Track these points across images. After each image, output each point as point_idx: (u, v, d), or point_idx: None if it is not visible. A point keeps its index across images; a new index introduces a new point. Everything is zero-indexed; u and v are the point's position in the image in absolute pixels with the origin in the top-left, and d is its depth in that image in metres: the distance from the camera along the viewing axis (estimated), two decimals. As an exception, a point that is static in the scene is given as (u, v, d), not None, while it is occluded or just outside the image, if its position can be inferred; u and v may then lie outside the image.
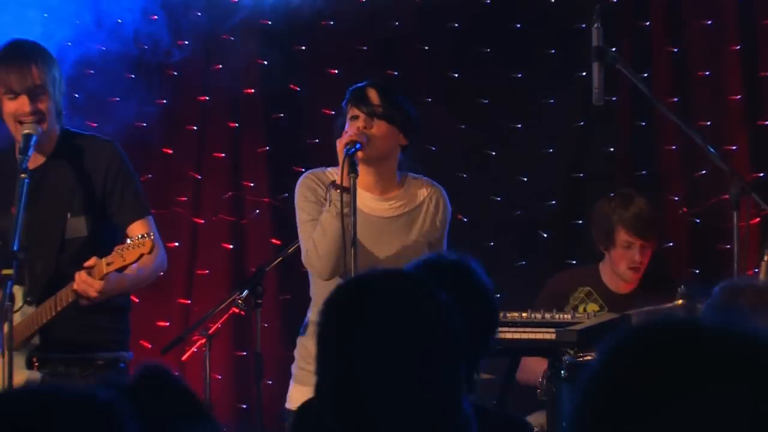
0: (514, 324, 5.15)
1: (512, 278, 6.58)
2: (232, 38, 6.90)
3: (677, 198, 6.73)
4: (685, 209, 6.71)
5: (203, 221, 7.00)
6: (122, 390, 1.85)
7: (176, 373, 1.99)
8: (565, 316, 5.20)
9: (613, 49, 5.32)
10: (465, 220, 6.83)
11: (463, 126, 6.90)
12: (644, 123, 6.79)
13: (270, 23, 6.86)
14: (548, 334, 5.09)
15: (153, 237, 4.70)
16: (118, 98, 6.67)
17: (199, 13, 6.82)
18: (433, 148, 6.77)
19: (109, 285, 4.72)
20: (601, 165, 6.84)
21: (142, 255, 4.67)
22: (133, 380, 2.15)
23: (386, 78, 6.73)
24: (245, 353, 6.79)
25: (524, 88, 6.87)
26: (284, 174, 6.75)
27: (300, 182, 5.05)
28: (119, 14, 6.48)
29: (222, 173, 7.03)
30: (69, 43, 6.35)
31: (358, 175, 4.76)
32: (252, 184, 7.00)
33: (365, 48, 6.94)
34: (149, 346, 6.68)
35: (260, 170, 7.02)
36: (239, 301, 5.61)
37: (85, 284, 4.68)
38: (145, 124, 6.82)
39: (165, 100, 6.91)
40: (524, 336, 5.14)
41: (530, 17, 6.89)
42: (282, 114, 7.02)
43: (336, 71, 6.89)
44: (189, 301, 6.94)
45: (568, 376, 4.95)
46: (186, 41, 6.77)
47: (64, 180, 4.96)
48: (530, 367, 5.75)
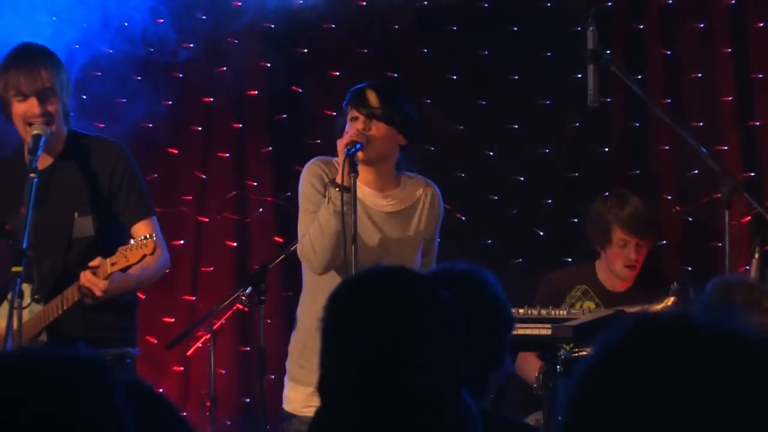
0: (512, 320, 5.14)
1: (509, 276, 6.54)
2: (236, 41, 6.89)
3: (670, 197, 6.72)
4: (678, 208, 6.71)
5: (208, 220, 7.00)
6: None
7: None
8: (561, 312, 5.20)
9: (608, 52, 5.31)
10: (463, 219, 6.83)
11: (462, 126, 6.89)
12: (638, 124, 6.79)
13: (273, 26, 6.85)
14: (544, 330, 5.08)
15: (155, 238, 4.70)
16: (125, 99, 6.66)
17: (204, 17, 6.81)
18: (432, 148, 6.76)
19: (113, 284, 4.71)
20: (596, 165, 6.83)
21: (145, 256, 4.66)
22: None
23: (386, 79, 6.73)
24: (249, 349, 6.78)
25: (521, 90, 6.87)
26: (287, 173, 6.74)
27: (307, 168, 4.98)
28: (126, 17, 6.48)
29: (226, 173, 7.03)
30: (77, 46, 6.35)
31: (359, 175, 4.75)
32: (255, 184, 7.00)
33: (366, 50, 6.94)
34: (155, 342, 6.67)
35: (264, 170, 7.01)
36: (243, 298, 5.61)
37: (90, 284, 4.67)
38: (152, 125, 6.81)
39: (170, 102, 6.90)
40: (521, 332, 5.13)
41: (527, 21, 6.88)
42: (285, 115, 7.02)
43: (337, 73, 6.89)
44: (194, 298, 6.94)
45: (564, 371, 4.94)
46: (191, 44, 6.77)
47: (72, 180, 4.96)
48: (528, 364, 5.75)
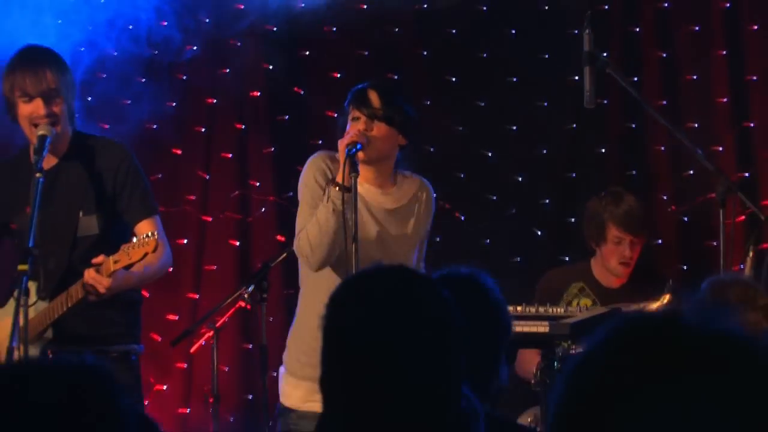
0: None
1: (507, 274, 6.55)
2: (239, 43, 6.89)
3: (666, 197, 6.72)
4: (674, 208, 6.71)
5: (211, 219, 6.99)
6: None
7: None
8: (558, 310, 5.20)
9: (604, 54, 5.31)
10: (462, 218, 6.83)
11: (461, 128, 6.89)
12: (634, 125, 6.78)
13: (275, 29, 6.85)
14: (542, 327, 5.08)
15: (157, 236, 4.70)
16: (130, 101, 6.66)
17: (207, 19, 6.81)
18: (432, 149, 6.76)
19: (117, 282, 4.71)
20: (593, 165, 6.83)
21: (147, 254, 4.66)
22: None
23: (387, 79, 6.72)
24: (251, 346, 6.78)
25: (519, 92, 6.86)
26: (289, 173, 6.73)
27: (312, 161, 4.92)
28: (130, 20, 6.48)
29: (229, 173, 7.02)
30: (82, 48, 6.35)
31: (359, 175, 4.74)
32: (258, 184, 6.99)
33: (366, 53, 6.93)
34: (159, 339, 6.67)
35: (266, 170, 7.01)
36: (245, 296, 5.61)
37: (95, 281, 4.67)
38: (156, 126, 6.81)
39: (174, 103, 6.90)
40: (519, 329, 5.13)
41: (524, 24, 6.88)
42: (286, 116, 7.01)
43: (338, 75, 6.88)
44: (197, 296, 6.93)
45: (561, 368, 4.94)
46: (194, 46, 6.76)
47: (77, 180, 4.95)
48: (527, 362, 5.75)
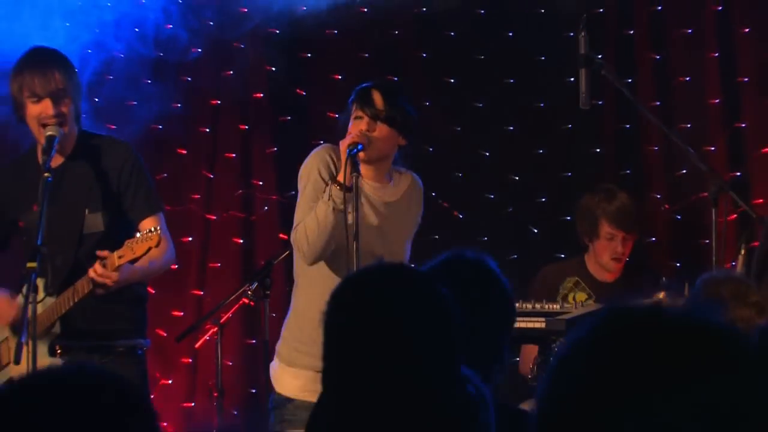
0: (507, 314, 5.13)
1: (505, 271, 6.54)
2: (242, 45, 6.88)
3: (659, 196, 6.71)
4: (667, 206, 6.70)
5: (215, 217, 6.99)
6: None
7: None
8: (555, 306, 5.19)
9: (599, 57, 5.30)
10: (461, 217, 6.82)
11: (459, 128, 6.88)
12: (628, 126, 6.77)
13: (277, 32, 6.84)
14: (538, 323, 5.08)
15: (160, 231, 4.69)
16: (136, 102, 6.65)
17: (211, 22, 6.80)
18: (431, 149, 6.75)
19: (123, 276, 4.71)
20: (588, 165, 6.82)
21: (150, 248, 4.65)
22: None
23: (391, 81, 6.70)
24: (254, 341, 6.77)
25: (516, 93, 6.86)
26: (291, 173, 6.68)
27: (317, 153, 4.88)
28: (136, 22, 6.47)
29: (233, 172, 7.01)
30: (89, 50, 6.34)
31: (360, 175, 4.72)
32: (261, 183, 6.99)
33: (367, 55, 6.92)
34: (165, 335, 6.66)
35: (269, 169, 7.00)
36: (249, 293, 5.60)
37: (102, 276, 4.67)
38: (161, 126, 6.80)
39: (179, 104, 6.89)
40: (516, 325, 5.12)
41: (521, 27, 6.87)
42: (289, 117, 7.00)
43: (339, 77, 6.87)
44: (202, 292, 6.93)
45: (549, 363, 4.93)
46: (199, 48, 6.76)
47: (83, 178, 4.94)
48: (526, 358, 5.75)
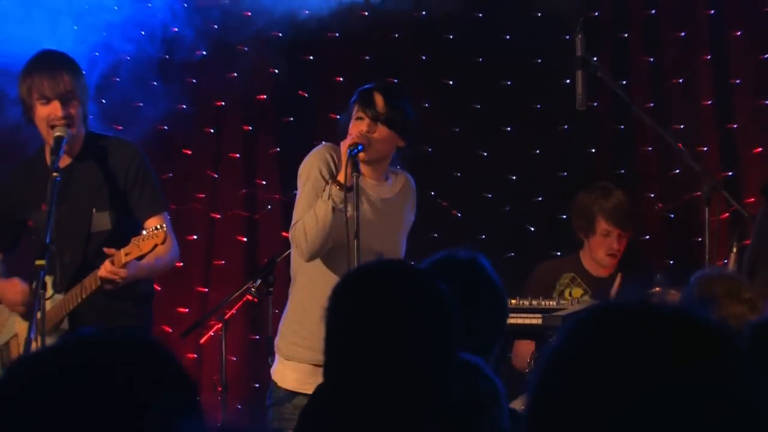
0: (504, 310, 5.13)
1: (502, 268, 6.51)
2: (246, 49, 6.87)
3: (653, 195, 6.70)
4: (661, 205, 6.69)
5: (219, 216, 6.98)
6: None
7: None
8: (551, 303, 5.19)
9: (595, 59, 5.30)
10: (459, 215, 6.82)
11: (457, 129, 6.87)
12: (623, 126, 6.77)
13: (280, 35, 6.83)
14: (535, 319, 5.08)
15: (166, 228, 4.69)
16: (142, 103, 6.65)
17: (216, 26, 6.79)
18: (430, 149, 6.75)
19: (130, 272, 4.72)
20: (584, 165, 6.81)
21: (156, 245, 4.65)
22: None
23: (392, 83, 6.69)
24: (258, 337, 6.76)
25: (513, 95, 6.85)
26: (294, 173, 6.69)
27: (317, 152, 4.86)
28: (143, 26, 6.47)
29: (237, 172, 7.01)
30: (97, 53, 6.33)
31: (361, 175, 4.72)
32: (264, 182, 6.98)
33: (368, 57, 6.92)
34: (170, 331, 6.66)
35: (272, 169, 6.99)
36: (252, 289, 5.59)
37: (112, 273, 4.67)
38: (167, 127, 6.80)
39: (185, 105, 6.88)
40: (513, 321, 5.12)
41: (518, 30, 6.86)
42: (291, 118, 7.00)
43: (341, 79, 6.87)
44: (206, 290, 6.92)
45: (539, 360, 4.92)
46: (204, 51, 6.76)
47: (90, 178, 4.93)
48: (522, 354, 5.74)
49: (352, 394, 2.44)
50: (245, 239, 6.96)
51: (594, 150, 6.82)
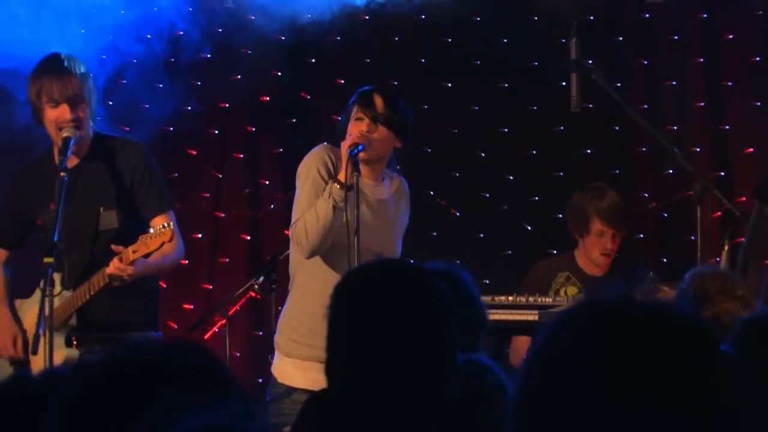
0: (502, 306, 5.13)
1: (500, 266, 6.58)
2: (250, 51, 6.88)
3: (647, 194, 6.71)
4: (654, 204, 6.70)
5: (224, 215, 6.98)
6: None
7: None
8: (547, 300, 5.19)
9: (590, 62, 5.30)
10: (457, 215, 6.82)
11: (456, 130, 6.87)
12: (617, 127, 6.77)
13: (283, 38, 6.83)
14: (531, 316, 5.08)
15: (172, 227, 4.69)
16: (148, 105, 6.65)
17: (220, 29, 6.80)
18: (429, 150, 6.75)
19: (138, 269, 4.71)
20: (580, 165, 6.82)
21: (163, 243, 4.65)
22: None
23: (391, 86, 6.70)
24: (261, 333, 6.77)
25: (510, 96, 6.85)
26: (296, 173, 6.72)
27: (316, 152, 4.85)
28: (149, 29, 6.47)
29: (241, 172, 7.01)
30: (104, 56, 6.33)
31: (361, 174, 4.72)
32: (267, 182, 6.98)
33: (368, 60, 6.92)
34: (175, 327, 6.66)
35: (275, 169, 7.00)
36: (256, 286, 5.60)
37: (120, 270, 4.67)
38: (172, 128, 6.80)
39: (189, 107, 6.88)
40: (510, 317, 5.13)
41: (515, 33, 6.86)
42: (294, 119, 7.00)
43: (342, 81, 6.87)
44: (211, 286, 6.92)
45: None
46: (208, 54, 6.76)
47: (97, 178, 4.94)
48: (519, 350, 5.75)
49: (354, 392, 2.44)
50: (249, 237, 6.96)
51: (589, 150, 6.82)
